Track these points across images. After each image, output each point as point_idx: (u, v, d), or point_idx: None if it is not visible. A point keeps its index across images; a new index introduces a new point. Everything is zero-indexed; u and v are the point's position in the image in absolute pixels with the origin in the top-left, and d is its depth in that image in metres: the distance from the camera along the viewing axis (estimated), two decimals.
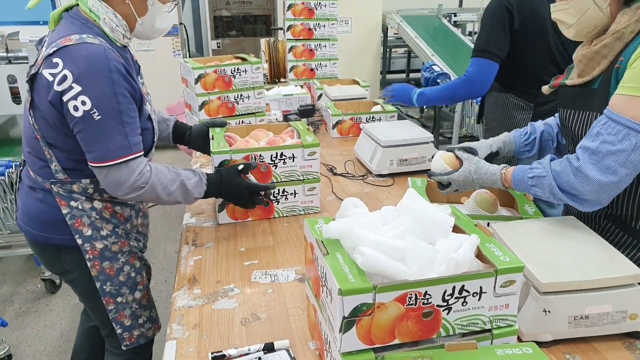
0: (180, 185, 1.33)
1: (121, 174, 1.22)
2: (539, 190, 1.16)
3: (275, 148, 1.52)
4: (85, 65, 1.15)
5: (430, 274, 0.82)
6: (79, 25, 1.22)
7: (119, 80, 1.18)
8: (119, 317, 1.42)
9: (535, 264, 1.01)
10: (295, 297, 1.19)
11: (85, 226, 1.32)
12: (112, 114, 1.18)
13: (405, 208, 0.88)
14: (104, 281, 1.37)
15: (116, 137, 1.19)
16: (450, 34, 5.14)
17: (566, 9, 1.17)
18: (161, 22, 1.34)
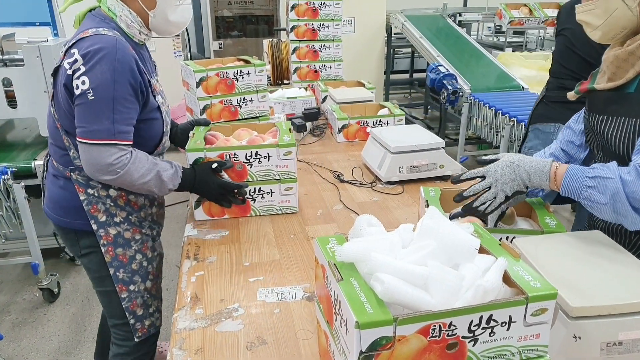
0: (155, 175, 1.37)
1: (99, 154, 1.27)
2: (598, 193, 1.01)
3: (250, 147, 1.54)
4: (94, 50, 1.24)
5: (455, 303, 0.75)
6: (97, 22, 1.33)
7: (122, 70, 1.25)
8: (132, 306, 1.50)
9: (563, 285, 0.93)
10: (304, 318, 1.11)
11: (100, 212, 1.41)
12: (105, 99, 1.25)
13: (427, 229, 0.81)
14: (117, 267, 1.45)
15: (104, 120, 1.26)
16: (455, 34, 5.07)
17: (592, 10, 1.10)
18: (175, 15, 1.40)
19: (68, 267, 3.00)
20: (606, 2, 1.06)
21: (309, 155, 2.14)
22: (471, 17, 5.83)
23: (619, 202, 1.01)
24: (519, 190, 1.13)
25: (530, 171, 1.10)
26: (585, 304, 0.90)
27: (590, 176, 1.04)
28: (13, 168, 2.46)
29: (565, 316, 0.91)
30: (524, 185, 1.12)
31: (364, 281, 0.78)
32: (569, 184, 1.06)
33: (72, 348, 2.36)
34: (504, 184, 1.12)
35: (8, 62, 2.78)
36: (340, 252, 0.81)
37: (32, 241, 2.57)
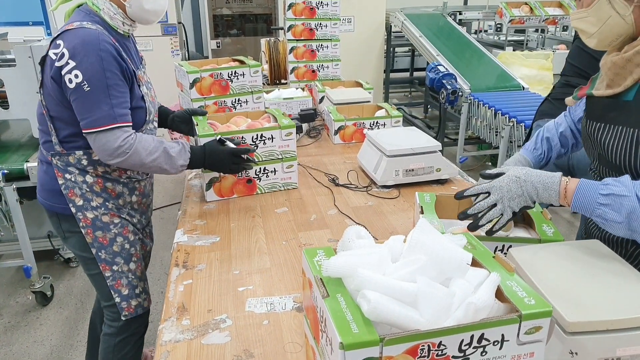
0: (163, 152, 1.46)
1: (107, 140, 1.36)
2: (612, 212, 0.96)
3: (255, 130, 1.69)
4: (80, 44, 1.31)
5: (445, 322, 0.71)
6: (82, 16, 1.41)
7: (108, 58, 1.33)
8: (117, 285, 1.56)
9: (559, 299, 0.90)
10: (293, 330, 1.08)
11: (77, 197, 1.48)
12: (100, 87, 1.33)
13: (417, 243, 0.77)
14: (99, 248, 1.52)
15: (103, 107, 1.34)
16: (455, 33, 5.02)
17: (585, 17, 1.06)
18: (149, 3, 1.45)
19: (62, 270, 2.98)
20: (598, 11, 1.03)
21: (305, 157, 2.10)
22: (471, 16, 5.78)
23: (636, 220, 0.95)
24: (527, 206, 1.07)
25: (539, 187, 1.04)
26: (582, 319, 0.86)
27: (604, 193, 0.98)
28: (5, 170, 2.43)
29: (561, 331, 0.88)
30: (531, 200, 1.06)
31: (351, 298, 0.75)
32: (581, 201, 1.01)
33: (64, 353, 2.33)
34: (510, 200, 1.06)
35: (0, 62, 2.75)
36: (326, 267, 0.78)
37: (24, 244, 2.54)
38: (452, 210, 1.40)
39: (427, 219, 1.24)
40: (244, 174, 1.71)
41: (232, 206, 1.68)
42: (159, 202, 3.86)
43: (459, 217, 1.12)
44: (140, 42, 4.46)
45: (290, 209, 1.65)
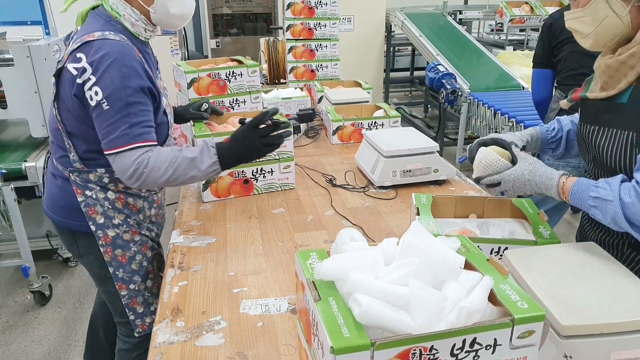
0: (182, 159, 1.30)
1: (124, 162, 1.26)
2: (599, 213, 1.02)
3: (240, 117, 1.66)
4: (102, 59, 1.22)
5: (437, 326, 0.71)
6: (102, 23, 1.31)
7: (131, 75, 1.24)
8: (132, 303, 1.50)
9: (554, 302, 0.90)
10: (288, 332, 1.08)
11: (98, 214, 1.39)
12: (119, 106, 1.23)
13: (410, 246, 0.77)
14: (117, 267, 1.44)
15: (121, 126, 1.25)
16: (455, 33, 5.01)
17: (581, 17, 1.05)
18: (175, 7, 1.36)
19: (61, 269, 2.97)
20: (595, 11, 1.02)
21: (303, 158, 2.10)
22: (472, 15, 5.77)
23: (621, 222, 0.99)
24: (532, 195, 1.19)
25: (541, 186, 1.12)
26: (577, 322, 0.86)
27: (593, 196, 1.02)
28: (3, 170, 2.42)
29: (556, 334, 0.87)
30: (536, 194, 1.16)
31: (343, 301, 0.75)
32: (575, 199, 1.07)
33: (62, 352, 2.33)
34: (515, 192, 1.18)
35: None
36: (318, 270, 0.77)
37: (22, 244, 2.54)
38: (448, 211, 1.39)
39: (422, 221, 1.24)
40: (241, 174, 1.70)
41: (228, 207, 1.67)
42: None
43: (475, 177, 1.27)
44: None
45: (287, 210, 1.64)
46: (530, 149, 1.35)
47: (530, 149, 1.35)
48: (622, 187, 0.99)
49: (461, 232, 1.19)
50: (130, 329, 1.55)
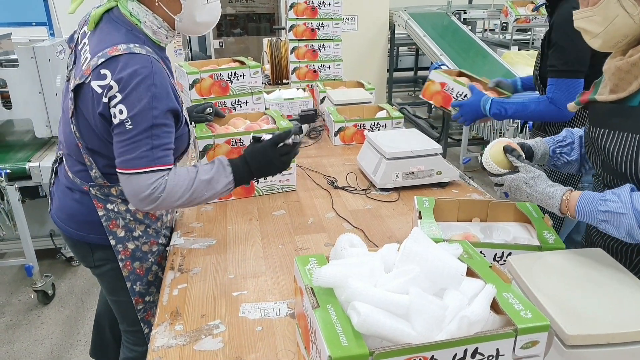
0: (198, 181, 1.26)
1: (139, 184, 1.19)
2: (611, 228, 0.97)
3: (253, 132, 1.63)
4: (130, 76, 1.15)
5: (438, 335, 0.69)
6: (124, 33, 1.22)
7: (159, 95, 1.18)
8: (147, 316, 1.47)
9: (559, 310, 0.88)
10: (287, 337, 1.06)
11: (119, 228, 1.36)
12: (143, 127, 1.17)
13: (410, 253, 0.75)
14: (134, 281, 1.42)
15: (142, 147, 1.18)
16: (459, 32, 4.98)
17: (591, 17, 1.03)
18: (202, 15, 1.29)
19: (64, 268, 2.98)
20: (606, 9, 0.99)
21: (304, 159, 2.08)
22: (476, 15, 5.74)
23: (636, 235, 0.95)
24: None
25: (542, 199, 1.10)
26: (583, 332, 0.84)
27: (603, 210, 0.98)
28: (7, 170, 2.43)
29: (561, 344, 0.86)
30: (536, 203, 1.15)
31: (342, 309, 0.73)
32: (582, 216, 1.03)
33: (64, 352, 2.33)
34: (515, 198, 1.17)
35: (4, 63, 2.75)
36: (317, 277, 0.76)
37: (26, 243, 2.54)
38: (451, 214, 1.37)
39: (424, 224, 1.22)
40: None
41: (229, 208, 1.66)
42: None
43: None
44: None
45: (288, 212, 1.63)
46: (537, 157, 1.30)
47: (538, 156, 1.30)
48: (635, 197, 0.95)
49: (464, 237, 1.18)
50: (138, 338, 1.54)
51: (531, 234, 1.29)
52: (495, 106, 1.87)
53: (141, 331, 1.50)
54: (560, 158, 1.32)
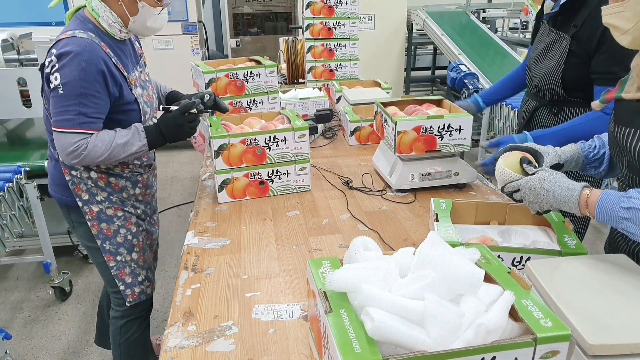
0: (115, 145, 1.47)
1: (65, 141, 1.43)
2: (634, 226, 0.93)
3: (268, 132, 1.67)
4: (66, 51, 1.38)
5: (453, 343, 0.67)
6: (77, 23, 1.47)
7: (89, 69, 1.39)
8: (120, 274, 1.68)
9: (581, 319, 0.85)
10: (300, 340, 1.05)
11: (83, 192, 1.58)
12: (72, 94, 1.39)
13: (426, 258, 0.73)
14: (104, 240, 1.63)
15: (70, 111, 1.41)
16: (478, 31, 4.92)
17: (621, 12, 0.99)
18: (153, 22, 1.54)
19: (81, 266, 3.01)
20: (636, 5, 0.96)
21: (319, 159, 2.07)
22: (496, 14, 5.65)
23: None
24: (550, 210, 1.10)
25: (560, 198, 1.04)
26: (605, 341, 0.81)
27: (625, 207, 0.93)
28: (26, 167, 2.46)
29: (582, 354, 0.83)
30: (554, 209, 1.08)
31: (355, 314, 0.72)
32: (602, 214, 0.98)
33: (80, 348, 2.35)
34: (532, 203, 1.11)
35: (24, 62, 2.79)
36: (330, 281, 0.74)
37: (44, 240, 2.58)
38: (469, 217, 1.35)
39: (441, 227, 1.20)
40: (256, 175, 1.68)
41: (244, 208, 1.66)
42: (177, 200, 3.88)
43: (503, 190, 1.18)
44: (161, 41, 4.49)
45: (302, 213, 1.62)
46: (569, 168, 1.25)
47: (569, 167, 1.25)
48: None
49: (481, 241, 1.15)
50: (120, 298, 1.73)
51: (551, 238, 1.26)
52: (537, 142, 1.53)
53: (120, 290, 1.70)
54: (588, 170, 1.27)
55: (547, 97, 1.75)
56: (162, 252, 3.17)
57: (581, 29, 1.59)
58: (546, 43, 1.73)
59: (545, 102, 1.76)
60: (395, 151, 1.66)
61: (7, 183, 2.28)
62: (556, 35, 1.67)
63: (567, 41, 1.62)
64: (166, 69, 4.15)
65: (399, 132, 1.63)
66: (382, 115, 1.77)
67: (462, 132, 1.67)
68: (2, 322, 2.53)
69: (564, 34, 1.64)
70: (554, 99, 1.72)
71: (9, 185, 2.28)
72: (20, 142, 2.86)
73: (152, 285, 1.82)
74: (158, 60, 4.30)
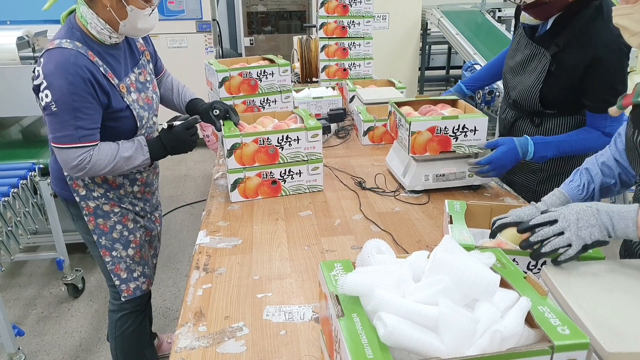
0: (119, 158, 1.51)
1: (67, 157, 1.45)
2: None
3: (281, 131, 1.66)
4: (53, 67, 1.38)
5: (468, 350, 0.66)
6: (65, 31, 1.46)
7: (77, 82, 1.38)
8: (116, 269, 1.71)
9: (599, 325, 0.83)
10: (311, 342, 1.04)
11: (80, 187, 1.61)
12: (66, 109, 1.39)
13: (441, 263, 0.72)
14: (100, 235, 1.66)
15: (67, 127, 1.42)
16: (493, 31, 4.87)
17: (630, 14, 0.97)
18: (144, 23, 1.52)
19: (93, 263, 3.01)
20: None
21: (332, 159, 2.06)
22: (511, 13, 5.58)
23: None
24: (601, 240, 0.95)
25: (613, 215, 0.93)
26: (624, 349, 0.79)
27: None
28: (40, 165, 2.49)
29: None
30: (607, 232, 0.95)
31: (368, 318, 0.71)
32: None
33: (92, 345, 2.37)
34: (580, 229, 0.94)
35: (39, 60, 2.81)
36: (342, 284, 0.73)
37: (57, 237, 2.60)
38: (483, 220, 1.33)
39: (455, 230, 1.18)
40: (269, 175, 1.68)
41: (256, 208, 1.65)
42: (190, 198, 3.90)
43: (521, 245, 1.02)
44: (175, 39, 4.51)
45: (315, 213, 1.61)
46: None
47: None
48: None
49: (496, 244, 1.13)
50: (115, 292, 1.77)
51: None
52: (540, 149, 1.54)
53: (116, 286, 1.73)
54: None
55: (525, 109, 1.69)
56: (174, 250, 3.19)
57: (564, 51, 1.50)
58: (525, 55, 1.63)
59: (524, 113, 1.70)
60: (409, 152, 1.65)
61: (21, 180, 2.30)
62: (535, 50, 1.58)
63: (548, 60, 1.54)
64: (180, 67, 4.15)
65: (413, 132, 1.61)
66: (396, 115, 1.75)
67: (477, 133, 1.64)
68: (16, 318, 2.56)
69: (545, 50, 1.55)
70: (532, 111, 1.66)
71: (23, 182, 2.31)
72: (35, 140, 2.88)
73: (149, 281, 1.84)
74: (172, 58, 4.31)
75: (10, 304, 2.66)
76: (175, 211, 3.71)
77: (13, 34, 2.68)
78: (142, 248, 1.78)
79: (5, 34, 2.70)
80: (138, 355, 1.90)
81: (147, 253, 1.83)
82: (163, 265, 3.00)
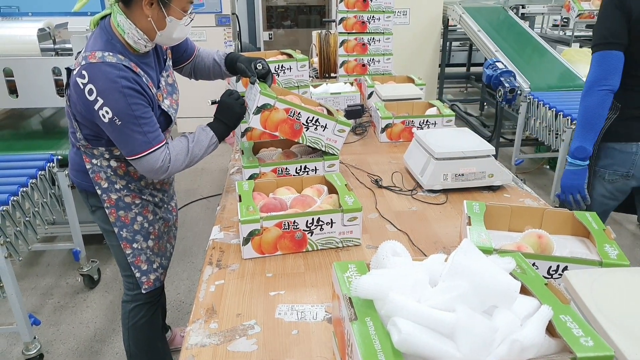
0: (194, 146, 1.57)
1: (149, 163, 1.48)
2: None
3: (313, 112, 1.63)
4: (103, 83, 1.38)
5: (485, 359, 0.63)
6: (104, 41, 1.44)
7: (130, 93, 1.41)
8: (137, 261, 1.72)
9: (623, 335, 0.79)
10: (323, 343, 1.02)
11: (102, 180, 1.61)
12: (129, 120, 1.42)
13: (458, 268, 0.69)
14: (121, 227, 1.66)
15: (137, 136, 1.44)
16: (516, 28, 4.77)
17: None
18: (179, 33, 1.53)
19: (109, 254, 3.03)
20: None
21: (348, 155, 2.03)
22: (535, 10, 5.48)
23: None
24: None
25: None
26: None
27: None
28: (59, 156, 2.51)
29: None
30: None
31: (381, 323, 0.68)
32: None
33: (106, 336, 2.39)
34: None
35: (60, 51, 2.84)
36: (356, 287, 0.71)
37: (74, 228, 2.63)
38: (503, 222, 1.29)
39: (474, 232, 1.15)
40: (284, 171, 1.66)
41: None
42: (206, 192, 3.91)
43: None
44: (194, 32, 4.52)
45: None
46: None
47: None
48: None
49: (516, 247, 1.10)
50: (132, 282, 1.78)
51: (590, 249, 1.19)
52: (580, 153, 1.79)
53: (132, 275, 1.74)
54: None
55: None
56: (189, 244, 3.20)
57: None
58: None
59: None
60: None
61: (40, 171, 2.32)
62: None
63: None
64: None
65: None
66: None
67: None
68: (33, 307, 2.60)
69: None
70: None
71: (41, 173, 2.33)
72: (54, 131, 2.91)
73: (165, 273, 1.86)
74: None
75: (27, 293, 2.70)
76: (191, 205, 3.72)
77: (34, 25, 2.71)
78: (161, 239, 1.79)
79: (27, 25, 2.72)
80: (150, 347, 1.92)
81: (165, 244, 1.85)
82: (178, 258, 3.01)
